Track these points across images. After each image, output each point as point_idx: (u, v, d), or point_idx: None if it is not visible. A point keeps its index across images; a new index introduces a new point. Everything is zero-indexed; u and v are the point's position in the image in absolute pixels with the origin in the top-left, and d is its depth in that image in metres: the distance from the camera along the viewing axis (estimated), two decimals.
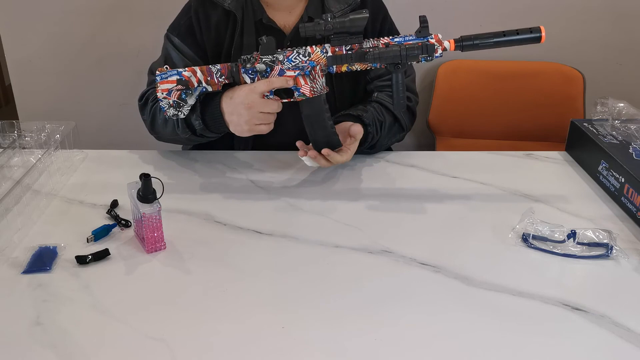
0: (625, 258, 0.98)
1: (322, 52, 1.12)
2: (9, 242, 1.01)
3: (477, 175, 1.25)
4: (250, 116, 1.13)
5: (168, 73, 1.15)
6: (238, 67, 1.15)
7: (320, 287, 0.92)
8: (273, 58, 1.13)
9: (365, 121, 1.25)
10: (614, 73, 2.09)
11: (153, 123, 1.29)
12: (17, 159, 1.25)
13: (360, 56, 1.10)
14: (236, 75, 1.15)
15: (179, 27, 1.31)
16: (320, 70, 1.13)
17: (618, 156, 1.16)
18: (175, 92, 1.15)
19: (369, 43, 1.11)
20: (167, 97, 1.16)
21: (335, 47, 1.11)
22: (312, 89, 1.14)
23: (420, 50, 1.07)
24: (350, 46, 1.11)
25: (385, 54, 1.08)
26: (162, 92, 1.16)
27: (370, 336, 0.82)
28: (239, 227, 1.07)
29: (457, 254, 0.99)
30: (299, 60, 1.12)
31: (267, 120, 1.15)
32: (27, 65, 2.09)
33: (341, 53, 1.11)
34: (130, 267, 0.96)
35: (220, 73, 1.15)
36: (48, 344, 0.80)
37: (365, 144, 1.25)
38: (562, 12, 2.00)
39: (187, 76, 1.15)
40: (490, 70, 2.02)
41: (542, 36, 1.07)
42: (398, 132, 1.35)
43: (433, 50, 1.08)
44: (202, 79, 1.15)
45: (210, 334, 0.82)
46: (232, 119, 1.17)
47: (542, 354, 0.79)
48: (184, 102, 1.17)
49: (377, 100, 1.33)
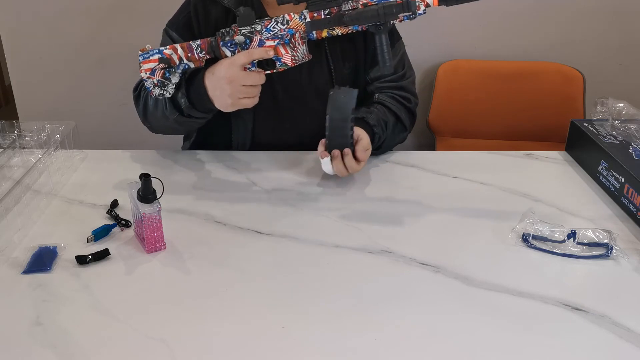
0: (625, 258, 0.98)
1: (300, 18, 1.10)
2: (9, 242, 1.01)
3: (477, 175, 1.25)
4: (232, 90, 1.12)
5: (150, 52, 1.15)
6: (217, 41, 1.14)
7: (320, 287, 0.92)
8: (251, 29, 1.12)
9: (370, 122, 1.25)
10: (614, 73, 2.09)
11: (145, 110, 1.29)
12: (17, 159, 1.25)
13: (338, 19, 1.08)
14: (216, 50, 1.14)
15: (178, 22, 1.32)
16: (300, 37, 1.11)
17: (618, 156, 1.16)
18: (158, 71, 1.15)
19: (348, 5, 1.08)
20: (151, 77, 1.16)
21: (314, 12, 1.09)
22: (294, 57, 1.13)
23: (400, 7, 1.04)
24: (328, 10, 1.09)
25: (364, 14, 1.05)
26: (145, 72, 1.16)
27: (370, 336, 0.82)
28: (239, 227, 1.07)
29: (457, 254, 0.99)
30: (278, 29, 1.11)
31: (251, 93, 1.13)
32: (27, 65, 2.09)
33: (320, 18, 1.09)
34: (130, 267, 0.96)
35: (200, 48, 1.15)
36: (48, 344, 0.80)
37: (373, 144, 1.25)
38: (562, 12, 2.00)
39: (168, 54, 1.15)
40: (490, 70, 2.02)
41: None
42: (401, 132, 1.35)
43: (415, 6, 1.04)
44: (183, 56, 1.15)
45: (210, 334, 0.82)
46: (215, 94, 1.15)
47: (542, 354, 0.79)
48: (168, 81, 1.16)
49: (379, 102, 1.33)
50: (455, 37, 2.06)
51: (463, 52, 2.04)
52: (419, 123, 2.06)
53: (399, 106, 1.33)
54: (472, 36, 2.06)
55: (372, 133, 1.24)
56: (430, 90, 2.08)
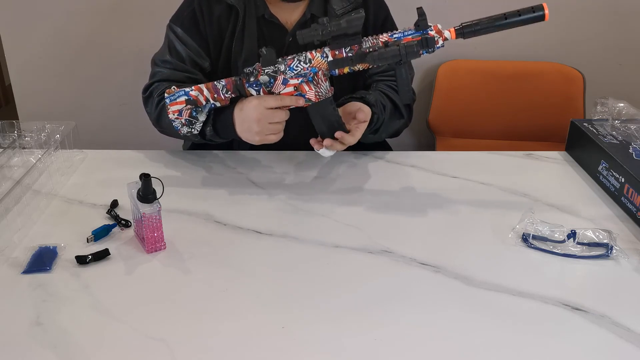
0: (625, 258, 0.98)
1: (322, 57, 1.11)
2: (9, 242, 1.00)
3: (477, 175, 1.25)
4: (260, 128, 1.14)
5: (176, 94, 1.16)
6: (242, 82, 1.15)
7: (320, 287, 0.92)
8: (275, 68, 1.13)
9: (369, 102, 1.24)
10: (614, 73, 2.09)
11: (159, 119, 1.29)
12: (17, 159, 1.25)
13: (360, 57, 1.10)
14: (241, 89, 1.16)
15: (182, 17, 1.32)
16: (322, 75, 1.13)
17: (618, 156, 1.16)
18: (185, 111, 1.17)
19: (368, 42, 1.10)
20: (179, 117, 1.17)
21: (335, 51, 1.11)
22: (317, 93, 1.14)
23: (419, 45, 1.07)
24: (349, 48, 1.10)
25: (385, 55, 1.07)
26: (173, 113, 1.17)
27: (370, 336, 0.82)
28: (239, 227, 1.07)
29: (457, 254, 0.99)
30: (301, 68, 1.12)
31: (276, 130, 1.16)
32: (27, 65, 2.09)
33: (341, 56, 1.11)
34: (130, 267, 0.96)
35: (225, 89, 1.16)
36: (48, 344, 0.80)
37: (371, 124, 1.24)
38: (562, 12, 1.99)
39: (194, 95, 1.16)
40: (490, 70, 2.02)
41: (546, 14, 1.03)
42: (398, 119, 1.35)
43: (433, 42, 1.07)
44: (209, 97, 1.16)
45: (210, 334, 0.82)
46: (242, 130, 1.18)
47: (542, 354, 0.79)
48: (196, 120, 1.18)
49: (377, 88, 1.33)
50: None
51: (463, 52, 2.04)
52: (419, 123, 2.07)
53: (396, 94, 1.33)
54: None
55: (371, 114, 1.24)
56: (430, 90, 2.08)
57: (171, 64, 1.30)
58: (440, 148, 2.03)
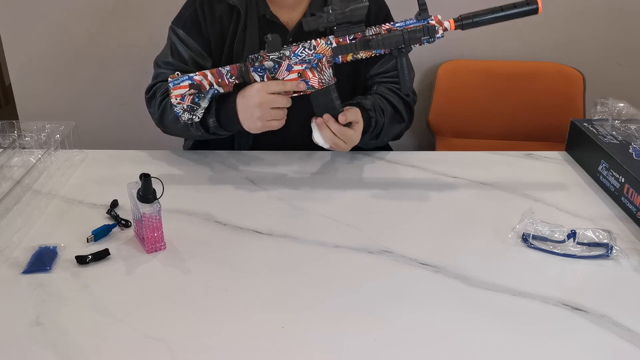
0: (625, 258, 0.98)
1: (326, 43, 1.14)
2: (9, 242, 1.00)
3: (477, 175, 1.25)
4: (262, 113, 1.15)
5: (180, 79, 1.17)
6: (247, 67, 1.16)
7: (320, 287, 0.92)
8: (280, 54, 1.15)
9: (365, 107, 1.25)
10: (614, 73, 2.09)
11: (162, 118, 1.30)
12: (17, 159, 1.25)
13: (364, 44, 1.13)
14: (246, 75, 1.17)
15: (184, 19, 1.33)
16: (326, 61, 1.15)
17: (618, 156, 1.16)
18: (188, 96, 1.17)
19: (372, 30, 1.13)
20: (181, 102, 1.18)
21: (339, 38, 1.14)
22: (320, 80, 1.16)
23: (421, 32, 1.10)
24: (353, 35, 1.13)
25: (389, 39, 1.11)
26: (175, 97, 1.17)
27: (370, 336, 0.82)
28: (239, 227, 1.07)
29: (457, 254, 0.99)
30: (305, 54, 1.14)
31: (279, 116, 1.17)
32: (27, 65, 2.09)
33: (345, 43, 1.13)
34: (130, 267, 0.96)
35: (230, 74, 1.17)
36: (48, 344, 0.80)
37: (370, 130, 1.25)
38: (562, 12, 2.00)
39: (198, 80, 1.16)
40: (490, 70, 2.02)
41: (539, 7, 1.09)
42: (398, 122, 1.35)
43: (434, 31, 1.11)
44: (213, 81, 1.17)
45: (210, 334, 0.82)
46: (244, 117, 1.18)
47: (542, 354, 0.79)
48: (198, 106, 1.18)
49: (376, 92, 1.34)
50: (455, 37, 2.05)
51: (463, 52, 2.04)
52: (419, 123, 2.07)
53: (396, 97, 1.34)
54: (472, 36, 2.05)
55: (368, 118, 1.24)
56: (430, 90, 2.08)
57: (174, 65, 1.31)
58: (440, 148, 2.03)
